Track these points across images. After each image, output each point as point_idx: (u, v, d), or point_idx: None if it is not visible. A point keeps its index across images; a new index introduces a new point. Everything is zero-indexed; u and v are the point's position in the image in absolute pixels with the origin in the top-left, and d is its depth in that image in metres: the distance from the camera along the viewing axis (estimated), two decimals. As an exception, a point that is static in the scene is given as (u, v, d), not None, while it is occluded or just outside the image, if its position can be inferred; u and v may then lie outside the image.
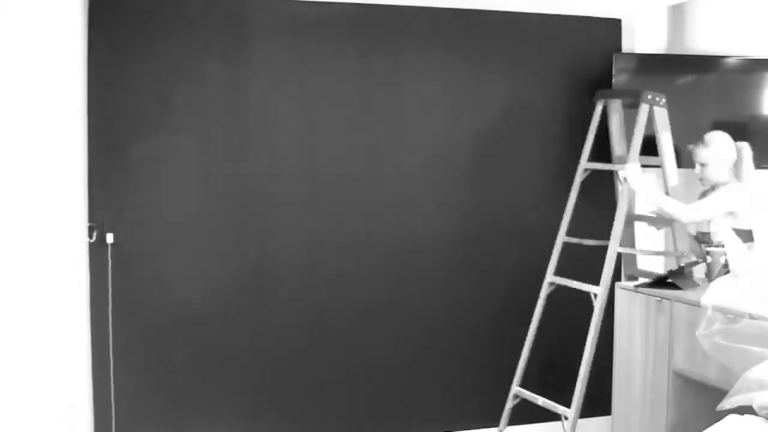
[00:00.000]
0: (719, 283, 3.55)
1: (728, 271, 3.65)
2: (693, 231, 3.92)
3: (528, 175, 4.41)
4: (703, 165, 3.77)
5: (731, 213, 3.70)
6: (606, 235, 4.57)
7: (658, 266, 4.43)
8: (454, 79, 4.27)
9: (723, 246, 3.67)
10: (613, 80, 4.23)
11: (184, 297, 3.87)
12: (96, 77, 3.72)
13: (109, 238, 3.77)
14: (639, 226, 4.42)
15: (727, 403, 2.72)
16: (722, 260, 4.01)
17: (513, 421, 4.40)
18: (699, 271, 4.13)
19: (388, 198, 4.19)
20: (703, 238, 3.88)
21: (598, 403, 4.51)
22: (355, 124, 4.13)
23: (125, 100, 3.79)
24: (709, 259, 4.05)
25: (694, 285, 3.81)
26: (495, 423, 4.34)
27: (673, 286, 3.93)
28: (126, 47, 3.78)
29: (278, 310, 4.02)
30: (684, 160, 4.12)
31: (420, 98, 4.22)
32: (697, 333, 3.39)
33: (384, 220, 4.17)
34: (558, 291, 4.50)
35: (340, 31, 4.09)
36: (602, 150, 4.38)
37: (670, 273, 3.90)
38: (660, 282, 3.95)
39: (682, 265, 3.93)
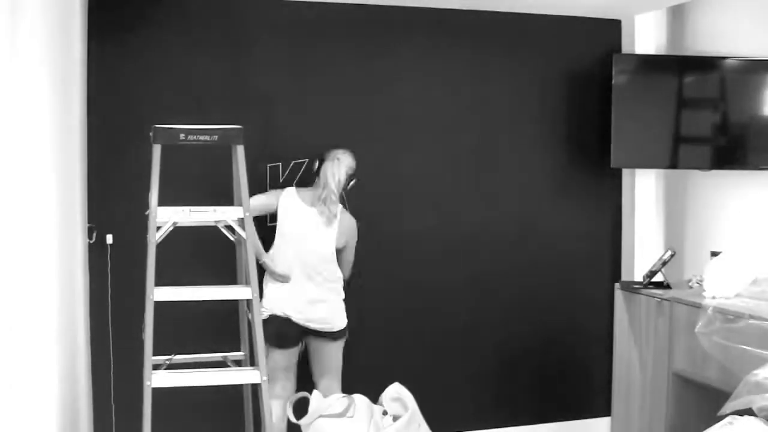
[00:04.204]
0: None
1: None
2: None
3: (528, 175, 4.41)
4: None
5: None
6: (605, 235, 4.59)
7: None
8: (454, 80, 4.26)
9: None
10: (613, 81, 4.22)
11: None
12: (96, 77, 3.71)
13: (109, 238, 3.77)
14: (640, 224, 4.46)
15: (728, 407, 2.73)
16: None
17: (513, 421, 4.41)
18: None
19: (386, 197, 4.19)
20: None
21: (598, 403, 4.52)
22: (354, 124, 4.13)
23: (125, 100, 3.79)
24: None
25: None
26: (503, 423, 4.36)
27: (661, 286, 3.95)
28: (126, 48, 3.78)
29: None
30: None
31: (420, 99, 4.22)
32: (696, 330, 3.40)
33: (380, 218, 4.17)
34: (558, 291, 4.51)
35: (339, 31, 4.09)
36: (603, 151, 4.39)
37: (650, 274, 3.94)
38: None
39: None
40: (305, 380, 3.84)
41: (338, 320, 3.77)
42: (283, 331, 3.69)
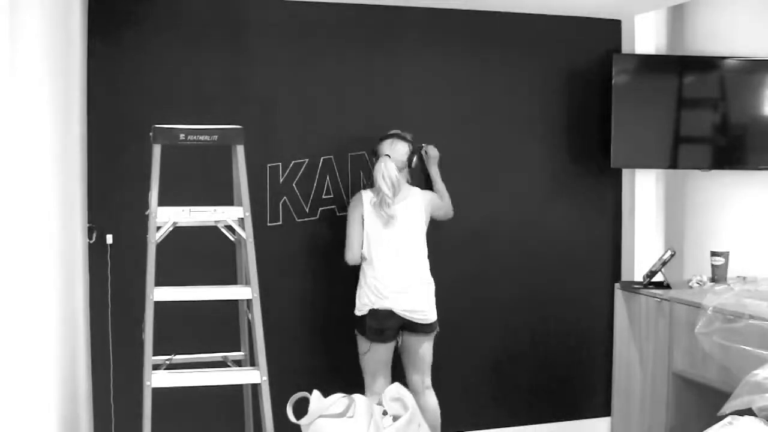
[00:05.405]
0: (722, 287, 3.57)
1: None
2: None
3: (528, 175, 4.41)
4: None
5: None
6: (605, 235, 4.59)
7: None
8: (454, 80, 4.26)
9: None
10: (613, 81, 4.23)
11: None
12: (96, 78, 3.71)
13: (109, 238, 3.77)
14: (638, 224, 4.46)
15: (728, 408, 2.73)
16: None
17: (513, 421, 4.41)
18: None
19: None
20: None
21: (598, 403, 4.52)
22: (355, 124, 4.13)
23: (125, 100, 3.78)
24: (721, 261, 4.04)
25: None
26: (503, 423, 4.36)
27: (661, 286, 3.95)
28: (125, 48, 3.78)
29: (281, 310, 4.01)
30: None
31: (420, 99, 4.22)
32: (696, 330, 3.41)
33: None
34: (558, 291, 4.51)
35: (340, 31, 4.09)
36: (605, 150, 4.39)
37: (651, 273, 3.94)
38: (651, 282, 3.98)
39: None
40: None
41: (431, 311, 3.83)
42: (384, 324, 3.74)
